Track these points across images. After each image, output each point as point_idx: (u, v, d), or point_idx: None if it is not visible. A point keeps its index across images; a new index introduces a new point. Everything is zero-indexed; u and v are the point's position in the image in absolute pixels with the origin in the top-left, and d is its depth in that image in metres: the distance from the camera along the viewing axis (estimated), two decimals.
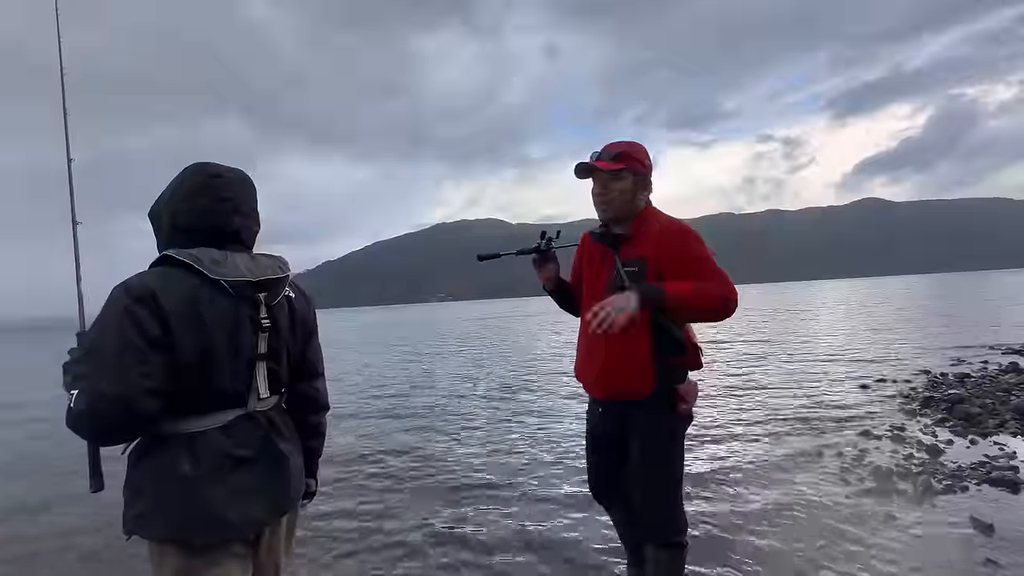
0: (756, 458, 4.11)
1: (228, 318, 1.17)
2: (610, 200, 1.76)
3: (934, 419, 4.89)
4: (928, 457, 3.88)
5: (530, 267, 2.01)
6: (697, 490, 3.46)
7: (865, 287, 64.71)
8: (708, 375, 8.00)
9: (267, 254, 1.31)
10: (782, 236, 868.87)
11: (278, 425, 1.31)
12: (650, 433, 1.76)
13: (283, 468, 1.29)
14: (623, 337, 1.64)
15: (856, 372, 7.56)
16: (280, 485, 1.28)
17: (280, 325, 1.28)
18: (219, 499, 1.15)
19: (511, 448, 4.74)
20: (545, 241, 1.97)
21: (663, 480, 1.77)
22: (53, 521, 3.63)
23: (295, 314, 1.34)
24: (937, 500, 3.14)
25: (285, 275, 1.29)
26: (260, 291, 1.22)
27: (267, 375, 1.27)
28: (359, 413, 6.80)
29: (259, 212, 1.36)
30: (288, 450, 1.31)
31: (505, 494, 3.62)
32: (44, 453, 5.69)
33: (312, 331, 1.43)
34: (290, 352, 1.34)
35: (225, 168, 1.29)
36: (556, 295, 2.05)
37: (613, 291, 1.68)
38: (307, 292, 1.42)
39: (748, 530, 2.87)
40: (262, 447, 1.24)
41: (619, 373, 1.74)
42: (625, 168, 1.73)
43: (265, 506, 1.24)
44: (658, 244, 1.71)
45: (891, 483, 3.44)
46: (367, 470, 4.34)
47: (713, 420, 5.38)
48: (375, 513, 3.42)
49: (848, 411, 5.37)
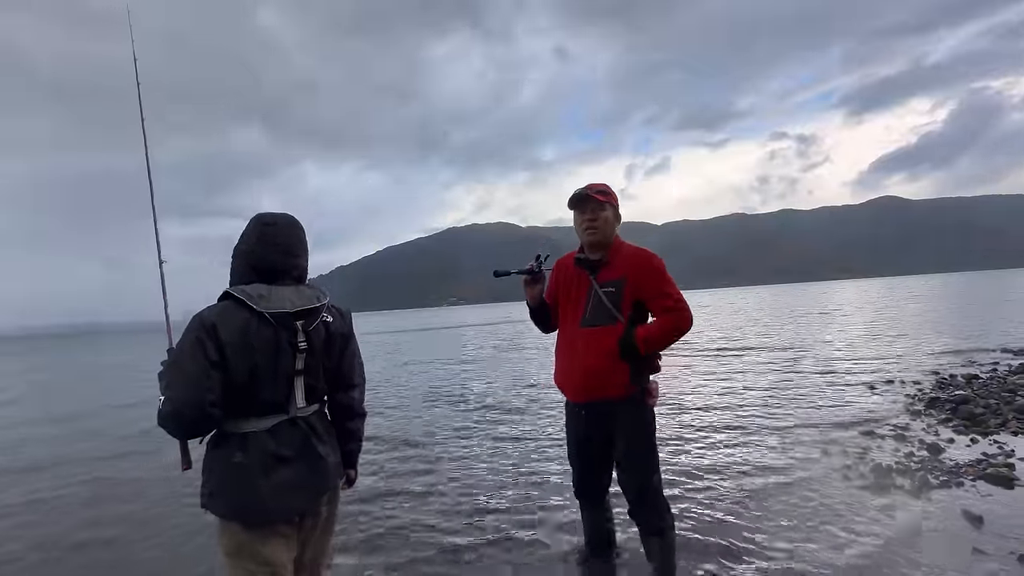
0: (761, 453, 4.31)
1: (270, 343, 1.48)
2: (599, 226, 2.10)
3: (938, 419, 5.02)
4: (928, 455, 4.03)
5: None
6: (701, 481, 3.67)
7: (880, 287, 63.76)
8: (717, 375, 8.16)
9: (310, 285, 1.61)
10: (796, 236, 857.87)
11: (317, 430, 1.59)
12: (635, 425, 2.09)
13: (319, 467, 1.57)
14: (601, 350, 2.02)
15: (865, 373, 7.66)
16: (316, 481, 1.57)
17: (315, 346, 1.56)
18: (265, 490, 1.45)
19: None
20: (538, 263, 2.25)
21: (649, 464, 2.11)
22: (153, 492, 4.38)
23: (332, 336, 1.62)
24: (933, 495, 3.31)
25: (321, 304, 1.57)
26: (298, 319, 1.52)
27: (304, 388, 1.56)
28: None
29: (305, 242, 1.66)
30: (325, 452, 1.59)
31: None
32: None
33: (347, 347, 1.69)
34: (326, 367, 1.62)
35: (278, 216, 1.63)
36: (536, 312, 2.34)
37: (596, 309, 2.07)
38: (345, 312, 1.70)
39: (748, 518, 3.08)
40: (301, 448, 1.55)
41: (601, 378, 2.05)
42: (608, 202, 2.12)
43: (303, 498, 1.55)
44: (630, 268, 2.07)
45: (890, 479, 3.61)
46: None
47: (720, 416, 5.57)
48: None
49: (854, 411, 5.52)
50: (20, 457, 6.05)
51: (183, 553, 3.18)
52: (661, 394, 2.22)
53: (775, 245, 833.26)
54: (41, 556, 3.30)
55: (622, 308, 2.03)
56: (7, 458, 6.03)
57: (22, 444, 6.83)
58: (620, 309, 2.03)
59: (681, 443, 4.76)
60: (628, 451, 2.10)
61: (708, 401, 6.49)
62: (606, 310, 2.04)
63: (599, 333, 2.04)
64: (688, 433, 5.08)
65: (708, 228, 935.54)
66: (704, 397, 6.75)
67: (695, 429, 5.21)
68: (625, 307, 2.04)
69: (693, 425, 5.38)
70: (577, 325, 2.11)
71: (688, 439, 4.88)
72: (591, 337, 2.05)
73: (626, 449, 2.10)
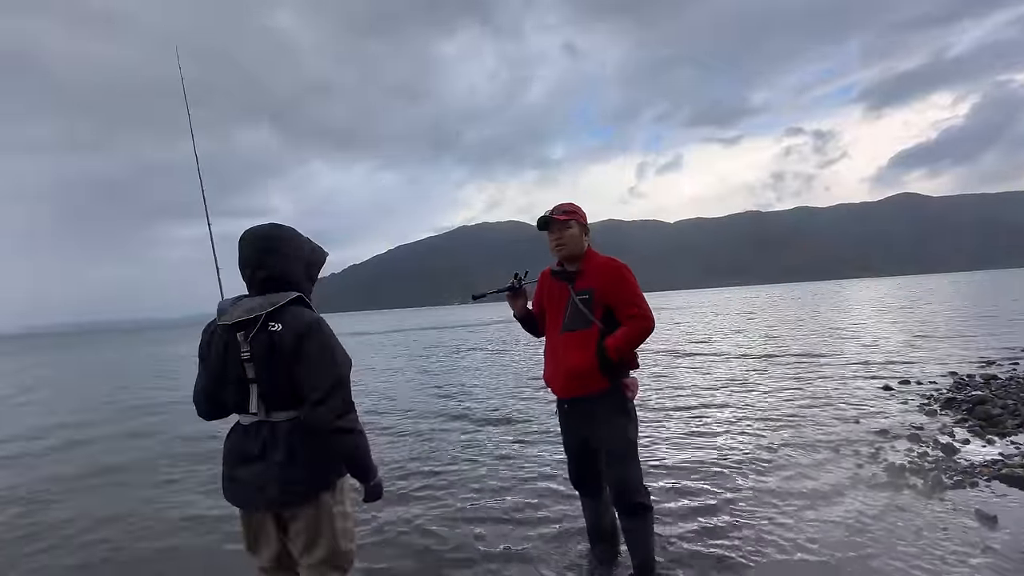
0: (773, 451, 4.33)
1: (220, 353, 1.65)
2: (565, 242, 2.33)
3: (954, 419, 4.98)
4: (942, 455, 4.02)
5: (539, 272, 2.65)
6: (711, 478, 3.71)
7: (898, 286, 62.57)
8: (730, 372, 8.15)
9: (263, 295, 1.64)
10: (812, 234, 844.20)
11: (277, 436, 1.60)
12: (612, 418, 2.28)
13: (269, 472, 1.59)
14: (583, 350, 2.23)
15: (881, 373, 7.59)
16: (264, 484, 1.59)
17: (258, 355, 1.58)
18: (226, 479, 1.68)
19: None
20: (518, 280, 2.53)
21: (623, 451, 2.27)
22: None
23: (275, 346, 1.57)
24: (945, 494, 3.31)
25: (258, 315, 1.58)
26: (239, 330, 1.61)
27: (259, 395, 1.63)
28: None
29: (280, 251, 1.67)
30: (279, 459, 1.58)
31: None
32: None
33: (299, 358, 1.57)
34: (280, 377, 1.59)
35: (248, 231, 1.71)
36: (523, 322, 2.60)
37: (573, 315, 2.28)
38: (301, 326, 1.58)
39: (757, 515, 3.11)
40: (261, 450, 1.62)
41: (581, 377, 2.25)
42: (572, 220, 2.33)
43: (251, 496, 1.63)
44: (601, 278, 2.28)
45: (902, 478, 3.61)
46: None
47: (734, 414, 5.58)
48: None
49: (868, 411, 5.49)
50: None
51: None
52: (677, 393, 2.29)
53: (790, 243, 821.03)
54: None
55: (595, 312, 2.26)
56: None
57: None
58: (593, 313, 2.26)
59: (686, 440, 4.79)
60: (608, 442, 2.27)
61: (717, 399, 6.50)
62: (582, 315, 2.27)
63: (577, 336, 2.27)
64: (694, 431, 5.11)
65: (721, 226, 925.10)
66: (714, 395, 6.77)
67: (701, 426, 5.24)
68: (597, 311, 2.26)
69: (699, 422, 5.40)
70: (559, 331, 2.34)
71: (694, 437, 4.91)
72: (570, 340, 2.28)
73: (606, 441, 2.28)
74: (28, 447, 6.58)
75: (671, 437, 4.97)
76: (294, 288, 1.68)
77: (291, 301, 1.63)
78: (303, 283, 1.73)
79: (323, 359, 1.59)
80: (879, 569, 2.51)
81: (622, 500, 2.27)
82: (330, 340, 1.63)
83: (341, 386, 1.60)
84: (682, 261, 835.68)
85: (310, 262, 1.78)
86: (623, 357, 2.22)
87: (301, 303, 1.67)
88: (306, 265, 1.76)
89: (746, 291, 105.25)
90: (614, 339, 2.20)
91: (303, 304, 1.68)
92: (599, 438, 2.30)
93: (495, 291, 2.63)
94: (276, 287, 1.66)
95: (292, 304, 1.64)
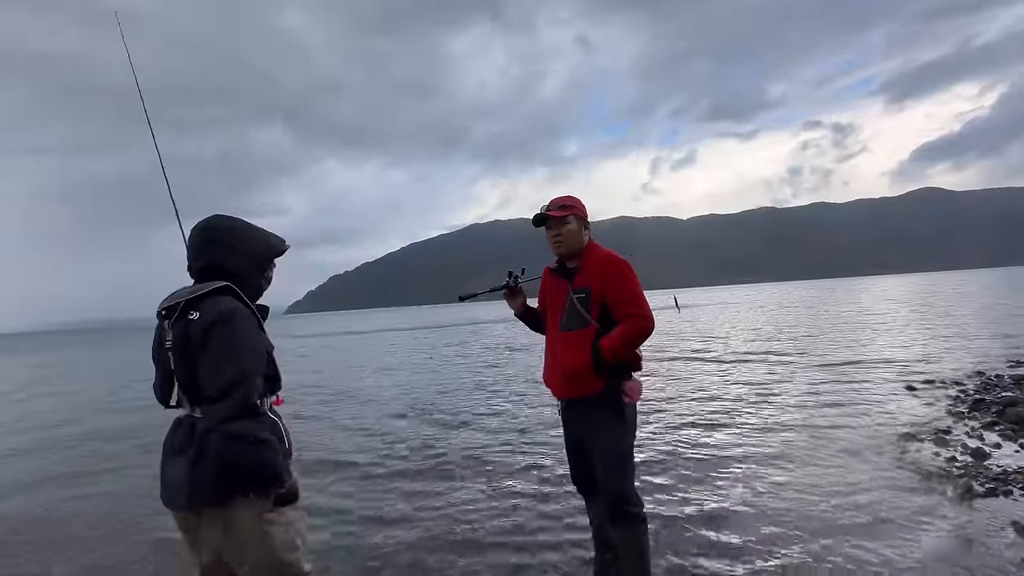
0: (792, 452, 4.17)
1: (154, 341, 1.59)
2: (563, 239, 2.24)
3: (983, 422, 4.76)
4: (972, 460, 3.82)
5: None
6: (731, 476, 3.58)
7: (919, 283, 61.11)
8: (747, 372, 7.95)
9: (195, 286, 1.58)
10: (829, 230, 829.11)
11: (196, 434, 1.48)
12: (607, 422, 2.16)
13: (184, 472, 1.47)
14: (578, 350, 2.14)
15: (904, 373, 7.33)
16: (181, 483, 1.48)
17: (176, 345, 1.50)
18: (161, 475, 1.58)
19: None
20: (513, 279, 2.45)
21: (614, 458, 2.16)
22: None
23: (187, 336, 1.47)
24: (976, 503, 3.13)
25: (177, 302, 1.51)
26: (166, 318, 1.54)
27: (180, 387, 1.53)
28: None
29: (222, 242, 1.63)
30: (191, 458, 1.45)
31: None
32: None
33: (205, 349, 1.46)
34: (190, 370, 1.48)
35: (197, 224, 1.66)
36: (524, 320, 2.52)
37: (570, 314, 2.20)
38: (212, 315, 1.47)
39: (773, 521, 2.97)
40: (180, 448, 1.52)
41: (577, 379, 2.16)
42: (570, 215, 2.23)
43: (173, 495, 1.53)
44: (598, 274, 2.18)
45: (928, 483, 3.44)
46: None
47: (755, 414, 5.41)
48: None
49: (891, 413, 5.28)
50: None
51: None
52: (695, 392, 2.15)
53: (807, 240, 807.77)
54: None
55: (591, 311, 2.17)
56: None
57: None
58: (590, 312, 2.17)
59: (702, 441, 4.65)
60: (600, 447, 2.19)
61: (733, 397, 6.33)
62: (579, 314, 2.18)
63: (573, 336, 2.19)
64: (712, 431, 4.96)
65: (735, 222, 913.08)
66: (730, 393, 6.59)
67: (717, 424, 5.09)
68: (594, 310, 2.16)
69: (717, 423, 5.25)
70: (556, 330, 2.27)
71: (711, 437, 4.76)
72: (567, 340, 2.21)
73: (599, 445, 2.19)
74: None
75: (683, 437, 4.83)
76: (231, 279, 1.60)
77: (216, 290, 1.54)
78: (246, 273, 1.65)
79: (225, 353, 1.45)
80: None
81: (611, 509, 2.17)
82: (240, 333, 1.49)
83: (241, 385, 1.44)
84: (695, 258, 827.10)
85: (258, 252, 1.69)
86: (619, 358, 2.11)
87: (227, 292, 1.57)
88: (253, 256, 1.68)
89: (760, 289, 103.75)
90: (609, 339, 2.10)
91: (230, 293, 1.57)
92: (592, 441, 2.22)
93: (486, 291, 2.56)
94: (211, 277, 1.60)
95: (217, 293, 1.54)
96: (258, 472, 1.46)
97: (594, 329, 2.14)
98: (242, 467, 1.45)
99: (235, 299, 1.58)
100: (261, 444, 1.46)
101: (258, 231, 1.72)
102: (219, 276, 1.60)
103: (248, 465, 1.45)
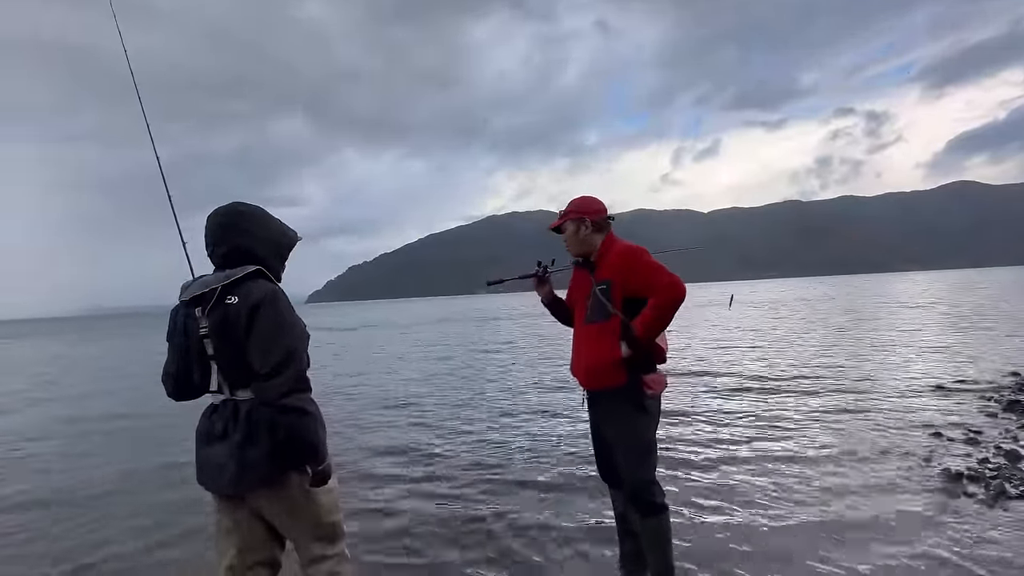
0: (817, 450, 4.10)
1: (181, 329, 1.63)
2: (568, 245, 2.32)
3: (1018, 424, 4.59)
4: (1006, 462, 3.70)
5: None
6: (752, 470, 3.54)
7: (951, 280, 59.02)
8: (776, 369, 7.81)
9: (223, 272, 1.60)
10: (857, 225, 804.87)
11: (240, 417, 1.54)
12: (627, 414, 2.16)
13: (229, 453, 1.53)
14: (599, 343, 2.16)
15: (934, 372, 7.11)
16: (226, 464, 1.53)
17: (215, 330, 1.54)
18: (198, 460, 1.63)
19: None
20: (542, 269, 2.47)
21: (636, 451, 2.16)
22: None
23: (228, 319, 1.52)
24: (1010, 505, 3.03)
25: (210, 289, 1.54)
26: (195, 305, 1.58)
27: (220, 373, 1.58)
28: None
29: (240, 227, 1.65)
30: (238, 441, 1.52)
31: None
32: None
33: (250, 332, 1.51)
34: (233, 353, 1.53)
35: (213, 211, 1.68)
36: (551, 309, 2.53)
37: (594, 307, 2.21)
38: (255, 298, 1.52)
39: (797, 517, 2.93)
40: (224, 431, 1.56)
41: (599, 370, 2.17)
42: (566, 221, 2.29)
43: (216, 478, 1.57)
44: (616, 268, 2.19)
45: (959, 485, 3.34)
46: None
47: (784, 411, 5.32)
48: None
49: (921, 412, 5.13)
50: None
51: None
52: (720, 389, 2.12)
53: (833, 234, 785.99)
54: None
55: (614, 303, 2.17)
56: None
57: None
58: (613, 304, 2.17)
59: (720, 435, 4.59)
60: (621, 438, 2.19)
61: (757, 393, 6.23)
62: (602, 306, 2.19)
63: (596, 329, 2.20)
64: (732, 426, 4.90)
65: (759, 216, 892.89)
66: (754, 389, 6.49)
67: (743, 423, 5.02)
68: (617, 302, 2.16)
69: (742, 418, 5.18)
70: (582, 322, 2.30)
71: (730, 432, 4.70)
72: (591, 332, 2.23)
73: (619, 436, 2.19)
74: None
75: (708, 434, 4.78)
76: (257, 263, 1.63)
77: (250, 274, 1.58)
78: (269, 260, 1.68)
79: (274, 332, 1.51)
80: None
81: (633, 499, 2.19)
82: (284, 313, 1.54)
83: (292, 361, 1.51)
84: (715, 253, 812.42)
85: (276, 242, 1.72)
86: (651, 331, 2.06)
87: (261, 276, 1.61)
88: (272, 244, 1.71)
89: (785, 284, 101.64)
90: (640, 315, 2.08)
91: (263, 277, 1.61)
92: (614, 433, 2.23)
93: (514, 277, 2.57)
94: (236, 262, 1.62)
95: (250, 277, 1.58)
96: (310, 443, 1.54)
97: (618, 321, 2.14)
98: (298, 439, 1.52)
99: (268, 282, 1.61)
100: (312, 417, 1.55)
101: (275, 220, 1.76)
102: (242, 261, 1.63)
103: (304, 436, 1.52)
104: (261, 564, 1.69)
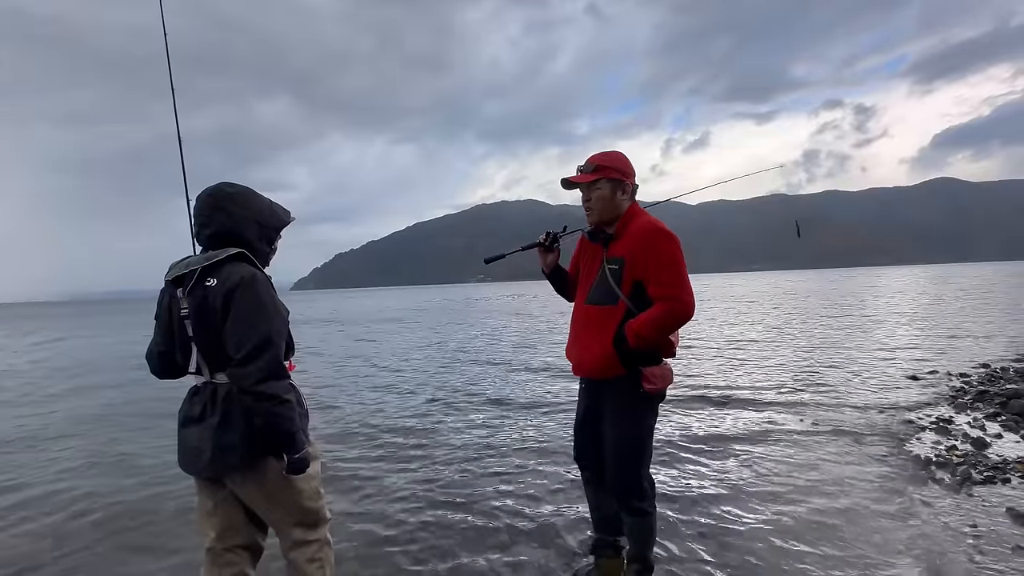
0: (792, 437, 4.20)
1: (165, 309, 1.63)
2: (592, 207, 2.02)
3: (986, 413, 4.75)
4: (972, 449, 3.83)
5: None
6: (724, 456, 3.62)
7: (930, 275, 60.38)
8: (749, 356, 7.95)
9: (208, 253, 1.58)
10: (841, 219, 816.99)
11: (216, 400, 1.54)
12: (621, 408, 2.01)
13: (205, 436, 1.53)
14: (600, 330, 1.95)
15: (908, 363, 7.31)
16: (203, 448, 1.53)
17: (194, 312, 1.54)
18: (179, 443, 1.63)
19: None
20: (551, 237, 2.22)
21: (628, 448, 2.01)
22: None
23: (207, 301, 1.51)
24: (975, 490, 3.15)
25: (192, 270, 1.54)
26: (177, 286, 1.58)
27: (200, 355, 1.57)
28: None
29: (227, 209, 1.62)
30: (214, 424, 1.52)
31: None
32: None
33: (227, 316, 1.49)
34: (211, 336, 1.52)
35: (202, 191, 1.66)
36: (552, 279, 2.32)
37: (600, 286, 2.00)
38: (233, 281, 1.49)
39: (769, 508, 3.01)
40: (201, 414, 1.56)
41: (595, 359, 1.99)
42: (601, 178, 1.97)
43: (195, 460, 1.57)
44: (635, 245, 1.92)
45: (928, 471, 3.46)
46: None
47: (751, 398, 5.43)
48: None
49: (893, 401, 5.28)
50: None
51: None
52: (694, 377, 2.12)
53: (818, 228, 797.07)
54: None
55: (623, 287, 1.94)
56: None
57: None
58: (621, 287, 1.94)
59: (695, 428, 4.68)
60: (612, 432, 2.04)
61: (731, 383, 6.35)
62: (608, 288, 1.96)
63: (599, 312, 1.99)
64: (703, 419, 5.00)
65: (746, 209, 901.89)
66: (728, 379, 6.61)
67: (713, 412, 5.12)
68: (626, 286, 1.93)
69: (712, 409, 5.28)
70: (583, 301, 2.08)
71: (702, 424, 4.80)
72: (592, 315, 2.02)
73: (611, 430, 2.04)
74: None
75: (685, 420, 4.87)
76: (242, 246, 1.62)
77: (231, 257, 1.56)
78: (254, 242, 1.67)
79: (250, 317, 1.48)
80: (901, 566, 2.39)
81: (620, 501, 2.08)
82: (262, 297, 1.52)
83: (269, 346, 1.48)
84: (703, 244, 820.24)
85: (263, 223, 1.69)
86: (646, 344, 1.86)
87: (242, 259, 1.59)
88: (259, 226, 1.68)
89: (770, 277, 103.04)
90: (637, 322, 1.86)
91: (245, 260, 1.60)
92: (607, 426, 2.07)
93: (517, 250, 2.35)
94: (221, 244, 1.61)
95: (232, 260, 1.56)
96: (286, 431, 1.52)
97: (624, 308, 1.93)
98: (272, 427, 1.50)
99: (250, 265, 1.60)
100: (287, 404, 1.52)
101: (264, 200, 1.73)
102: (230, 243, 1.61)
103: (279, 424, 1.50)
104: (241, 547, 1.69)
